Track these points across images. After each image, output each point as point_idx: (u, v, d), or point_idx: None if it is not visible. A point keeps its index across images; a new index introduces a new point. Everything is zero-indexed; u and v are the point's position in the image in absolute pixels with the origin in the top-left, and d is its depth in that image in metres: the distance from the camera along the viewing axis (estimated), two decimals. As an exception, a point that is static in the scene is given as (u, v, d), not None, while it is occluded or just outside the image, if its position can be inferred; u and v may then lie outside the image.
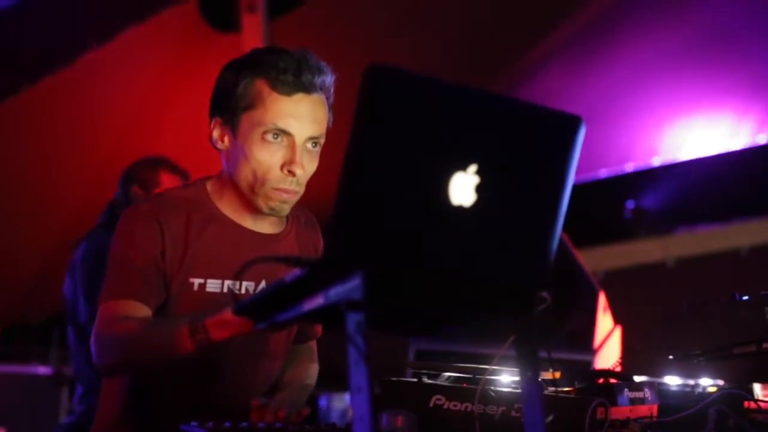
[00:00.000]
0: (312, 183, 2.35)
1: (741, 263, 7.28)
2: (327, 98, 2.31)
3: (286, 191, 2.28)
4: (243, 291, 2.31)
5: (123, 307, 2.20)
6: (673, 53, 7.43)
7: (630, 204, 8.08)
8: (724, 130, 7.52)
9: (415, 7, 7.41)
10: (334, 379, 2.91)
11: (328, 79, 2.30)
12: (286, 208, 2.32)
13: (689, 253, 7.62)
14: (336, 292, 1.52)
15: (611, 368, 3.31)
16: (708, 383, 2.78)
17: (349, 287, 1.48)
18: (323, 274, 1.52)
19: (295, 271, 1.56)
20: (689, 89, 7.43)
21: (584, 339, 4.28)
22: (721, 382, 2.80)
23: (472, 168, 1.57)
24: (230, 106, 2.28)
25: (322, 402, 6.17)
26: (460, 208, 1.57)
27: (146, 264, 2.24)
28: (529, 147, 1.64)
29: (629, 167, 8.14)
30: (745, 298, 2.60)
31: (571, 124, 1.66)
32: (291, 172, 2.25)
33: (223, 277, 2.30)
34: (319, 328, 2.59)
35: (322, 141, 2.31)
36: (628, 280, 7.57)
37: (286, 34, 7.19)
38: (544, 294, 1.69)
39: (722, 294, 2.71)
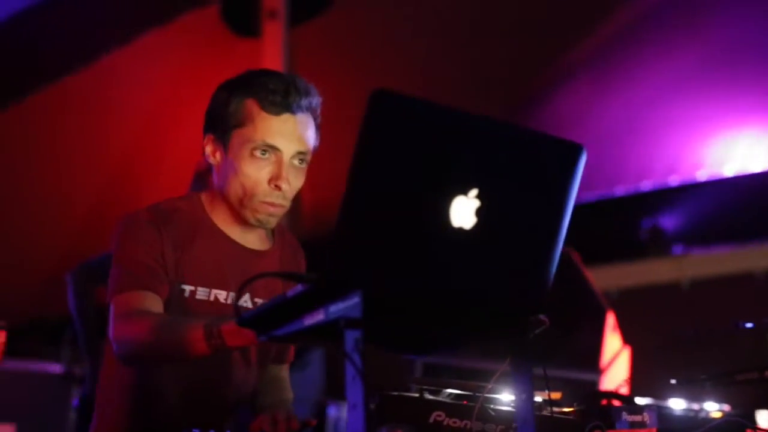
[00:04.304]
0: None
1: (756, 286, 7.25)
2: (314, 119, 2.41)
3: (273, 204, 2.37)
4: (228, 301, 2.40)
5: (137, 299, 2.27)
6: (691, 71, 7.42)
7: (646, 223, 8.06)
8: (743, 151, 7.51)
9: (436, 18, 7.43)
10: (343, 388, 2.94)
11: (315, 101, 2.40)
12: (273, 221, 2.41)
13: (704, 275, 7.59)
14: (336, 308, 1.55)
15: (615, 390, 3.32)
16: (713, 408, 2.78)
17: (348, 305, 1.51)
18: (324, 290, 1.55)
19: (297, 287, 1.60)
20: (708, 108, 7.41)
21: (591, 359, 4.29)
22: (726, 407, 2.80)
23: (473, 192, 1.60)
24: (222, 123, 2.38)
25: (332, 411, 6.18)
26: (461, 231, 1.60)
27: (152, 260, 2.32)
28: (529, 173, 1.66)
29: (646, 185, 8.12)
30: (749, 325, 2.62)
31: (572, 151, 1.69)
32: (277, 187, 2.35)
33: (210, 286, 2.39)
34: (291, 352, 2.65)
35: (309, 158, 2.41)
36: (642, 300, 7.55)
37: (307, 41, 7.22)
38: (542, 317, 1.71)
39: (735, 317, 2.72)
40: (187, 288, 2.36)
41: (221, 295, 2.38)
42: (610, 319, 4.39)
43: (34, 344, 6.44)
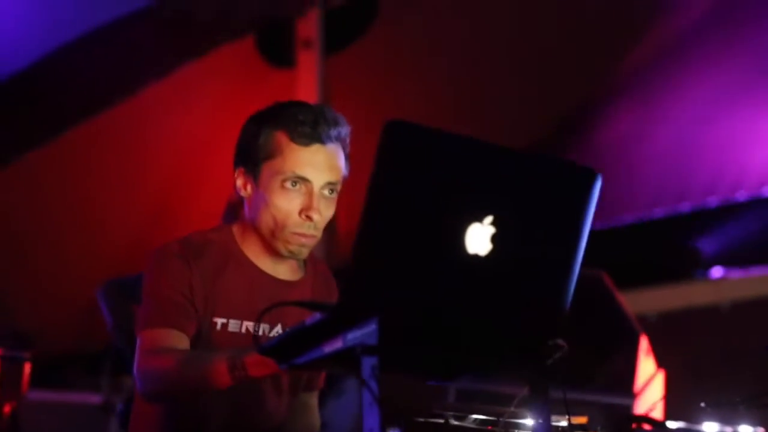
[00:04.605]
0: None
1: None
2: (343, 148, 2.43)
3: (304, 235, 2.38)
4: (261, 333, 2.40)
5: (162, 336, 2.30)
6: (731, 90, 7.39)
7: (684, 245, 8.02)
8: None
9: (474, 45, 7.46)
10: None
11: (344, 131, 2.41)
12: (305, 252, 2.42)
13: (743, 297, 7.52)
14: (353, 336, 1.58)
15: (646, 414, 3.30)
16: (747, 431, 2.77)
17: (365, 332, 1.54)
18: (341, 318, 1.58)
19: (315, 315, 1.63)
20: (747, 127, 7.38)
21: (625, 383, 4.28)
22: (761, 431, 2.79)
23: (488, 219, 1.63)
24: (252, 156, 2.40)
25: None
26: (476, 258, 1.63)
27: (180, 295, 2.35)
28: (544, 199, 1.69)
29: (684, 207, 8.08)
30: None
31: (587, 176, 1.71)
32: (309, 217, 2.36)
33: (242, 318, 2.40)
34: (321, 379, 2.68)
35: (339, 188, 2.42)
36: (681, 323, 7.49)
37: (342, 70, 7.27)
38: (560, 342, 1.73)
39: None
40: (219, 321, 2.38)
41: (252, 327, 2.40)
42: (644, 343, 4.38)
43: (73, 375, 6.53)
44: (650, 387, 4.33)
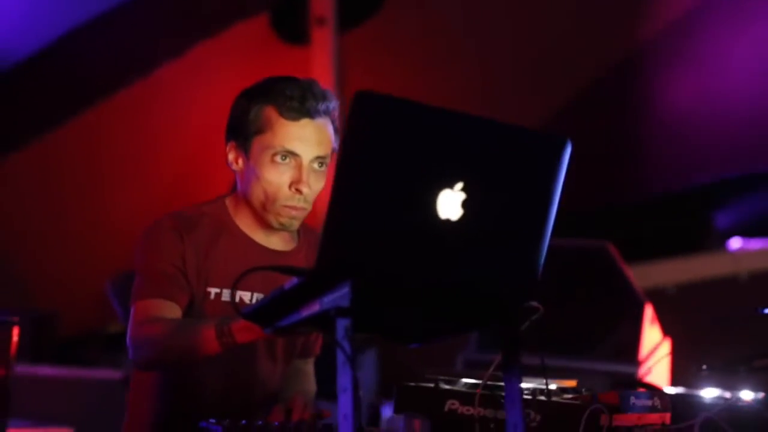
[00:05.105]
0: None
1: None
2: (332, 122, 2.49)
3: (294, 208, 2.45)
4: (253, 302, 2.47)
5: (154, 306, 2.38)
6: (744, 60, 7.37)
7: (702, 217, 8.02)
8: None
9: (491, 22, 7.45)
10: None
11: (332, 104, 2.48)
12: (295, 224, 2.49)
13: (762, 267, 7.52)
14: (329, 299, 1.64)
15: (641, 378, 3.34)
16: (748, 396, 2.80)
17: (339, 295, 1.60)
18: (317, 282, 1.65)
19: (293, 280, 1.69)
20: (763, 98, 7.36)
21: (628, 351, 4.32)
22: (762, 395, 2.83)
23: (459, 185, 1.68)
24: (243, 130, 2.47)
25: (386, 412, 6.23)
26: (448, 223, 1.68)
27: (171, 267, 2.42)
28: (514, 165, 1.74)
29: (702, 178, 8.07)
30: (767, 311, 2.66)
31: (557, 144, 1.76)
32: (298, 191, 2.43)
33: (235, 288, 2.45)
34: (318, 346, 2.73)
35: (328, 161, 2.48)
36: (700, 295, 7.50)
37: (356, 47, 7.29)
38: (535, 305, 1.78)
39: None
40: (213, 291, 2.45)
41: (246, 296, 2.47)
42: (649, 312, 4.42)
43: (95, 353, 6.64)
44: (655, 355, 4.37)
